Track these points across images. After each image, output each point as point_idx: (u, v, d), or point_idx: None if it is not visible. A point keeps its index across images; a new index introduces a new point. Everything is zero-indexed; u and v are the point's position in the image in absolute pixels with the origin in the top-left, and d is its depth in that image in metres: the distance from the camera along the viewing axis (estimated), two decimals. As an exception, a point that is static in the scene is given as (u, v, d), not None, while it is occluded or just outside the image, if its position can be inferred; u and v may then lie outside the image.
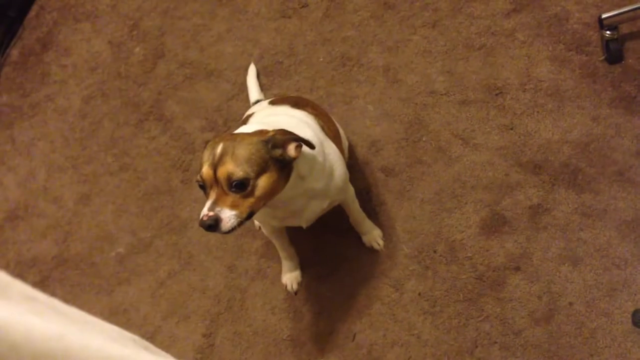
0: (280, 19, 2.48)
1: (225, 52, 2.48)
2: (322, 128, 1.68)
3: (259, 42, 2.46)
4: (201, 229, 1.33)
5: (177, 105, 2.43)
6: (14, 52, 2.82)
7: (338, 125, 1.93)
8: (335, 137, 1.75)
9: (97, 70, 2.63)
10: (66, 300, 2.24)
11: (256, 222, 2.05)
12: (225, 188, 1.33)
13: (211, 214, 1.31)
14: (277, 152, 1.36)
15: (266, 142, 1.35)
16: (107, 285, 2.15)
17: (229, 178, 1.32)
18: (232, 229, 1.33)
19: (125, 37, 2.67)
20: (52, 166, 2.46)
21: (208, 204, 1.33)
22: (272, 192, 1.39)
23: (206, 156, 1.36)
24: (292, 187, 1.45)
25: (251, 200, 1.35)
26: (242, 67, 2.40)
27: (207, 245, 2.11)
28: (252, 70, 2.34)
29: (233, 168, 1.31)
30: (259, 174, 1.34)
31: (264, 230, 1.89)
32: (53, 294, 2.18)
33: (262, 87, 2.30)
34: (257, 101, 2.08)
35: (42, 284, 2.20)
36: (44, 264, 2.25)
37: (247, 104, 2.20)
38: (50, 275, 2.21)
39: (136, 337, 0.66)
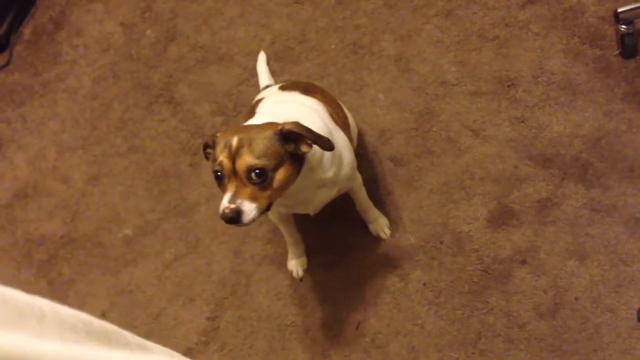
0: (292, 4, 2.47)
1: (237, 37, 2.47)
2: (331, 115, 1.67)
3: (271, 28, 2.45)
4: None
5: (188, 88, 2.42)
6: (27, 31, 2.82)
7: (347, 113, 1.93)
8: (344, 125, 1.74)
9: (109, 52, 2.63)
10: (73, 279, 2.26)
11: (263, 208, 2.05)
12: (244, 179, 1.33)
13: (232, 206, 1.31)
14: (290, 146, 1.37)
15: (280, 136, 1.36)
16: (113, 265, 2.16)
17: (248, 169, 1.32)
18: (252, 221, 1.34)
19: (138, 19, 2.66)
20: (62, 146, 2.47)
21: (228, 196, 1.33)
22: (287, 184, 1.40)
23: (220, 149, 1.36)
24: (303, 178, 1.46)
25: (269, 192, 1.36)
26: (253, 52, 2.39)
27: (214, 230, 2.12)
28: (262, 56, 2.33)
29: (252, 160, 1.32)
30: (276, 167, 1.35)
31: (270, 216, 1.89)
32: (60, 272, 2.20)
33: (273, 73, 2.29)
34: (267, 86, 2.08)
35: (50, 262, 2.21)
36: (51, 242, 2.27)
37: (258, 89, 2.20)
38: (58, 254, 2.23)
39: (109, 330, 0.67)
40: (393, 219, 1.98)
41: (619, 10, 1.97)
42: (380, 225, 1.96)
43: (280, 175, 1.36)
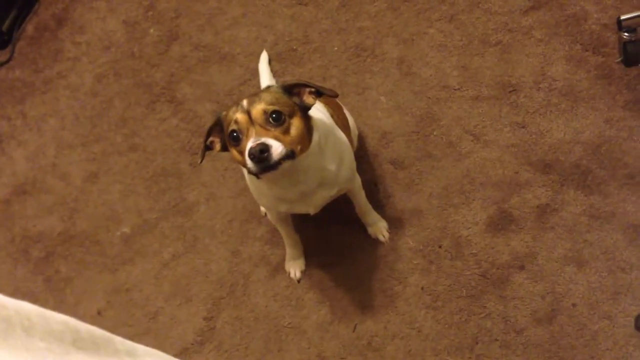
0: (296, 5, 2.47)
1: (240, 37, 2.47)
2: (332, 117, 1.69)
3: (274, 28, 2.45)
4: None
5: (189, 87, 2.42)
6: (29, 27, 2.82)
7: (348, 115, 1.93)
8: (344, 127, 1.75)
9: (111, 49, 2.63)
10: (70, 277, 2.25)
11: (262, 209, 2.05)
12: (263, 124, 1.35)
13: (259, 142, 1.32)
14: (296, 99, 1.43)
15: (284, 90, 1.43)
16: (111, 264, 2.16)
17: (265, 112, 1.35)
18: (281, 160, 1.33)
19: (141, 18, 2.66)
20: (62, 143, 2.46)
21: (252, 139, 1.34)
22: (303, 136, 1.41)
23: (232, 111, 1.40)
24: (312, 153, 1.46)
25: (289, 138, 1.37)
26: (255, 52, 2.39)
27: (212, 230, 2.11)
28: (264, 57, 2.33)
29: (266, 105, 1.36)
30: (290, 114, 1.39)
31: (269, 216, 1.89)
32: (57, 270, 2.19)
33: (275, 74, 2.29)
34: (268, 87, 2.08)
35: (47, 259, 2.21)
36: (49, 239, 2.26)
37: (259, 90, 2.20)
38: (55, 251, 2.22)
39: (97, 338, 0.65)
40: (392, 222, 1.98)
41: (622, 17, 1.97)
42: (379, 228, 1.96)
43: (296, 123, 1.39)
